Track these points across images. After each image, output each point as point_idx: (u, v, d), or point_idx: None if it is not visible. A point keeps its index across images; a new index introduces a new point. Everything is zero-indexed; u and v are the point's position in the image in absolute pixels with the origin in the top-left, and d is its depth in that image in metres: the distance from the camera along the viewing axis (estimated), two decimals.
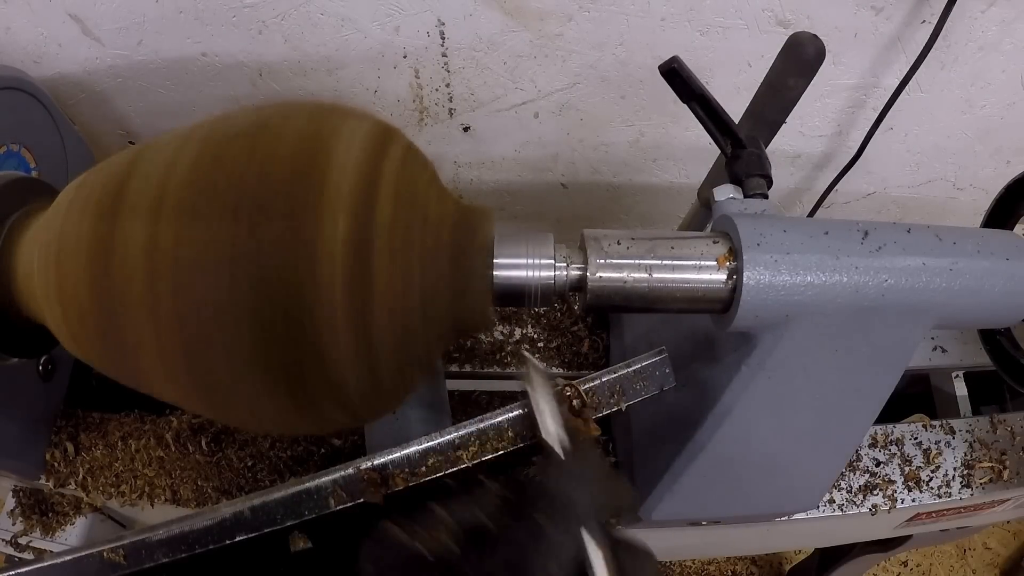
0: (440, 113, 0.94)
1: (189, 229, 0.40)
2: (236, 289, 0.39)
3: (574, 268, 0.49)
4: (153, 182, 0.41)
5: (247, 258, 0.39)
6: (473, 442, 0.47)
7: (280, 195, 0.40)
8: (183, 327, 0.40)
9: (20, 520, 0.87)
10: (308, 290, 0.39)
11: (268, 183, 0.40)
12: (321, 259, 0.39)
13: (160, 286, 0.40)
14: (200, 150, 0.42)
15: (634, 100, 0.92)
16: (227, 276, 0.39)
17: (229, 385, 0.41)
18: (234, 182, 0.40)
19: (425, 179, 0.46)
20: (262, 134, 0.42)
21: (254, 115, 0.44)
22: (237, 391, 0.41)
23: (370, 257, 0.41)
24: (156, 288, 0.40)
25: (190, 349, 0.40)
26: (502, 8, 0.80)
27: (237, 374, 0.41)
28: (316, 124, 0.43)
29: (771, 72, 0.65)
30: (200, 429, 0.81)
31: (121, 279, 0.41)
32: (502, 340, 0.88)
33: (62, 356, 0.78)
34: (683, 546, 1.08)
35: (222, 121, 0.44)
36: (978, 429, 0.87)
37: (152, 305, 0.40)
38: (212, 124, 0.44)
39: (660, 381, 0.50)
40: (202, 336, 0.40)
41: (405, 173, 0.44)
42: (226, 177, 0.40)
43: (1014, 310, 0.53)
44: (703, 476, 0.63)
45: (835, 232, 0.50)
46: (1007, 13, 0.82)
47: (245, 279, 0.39)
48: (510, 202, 1.11)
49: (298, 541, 0.45)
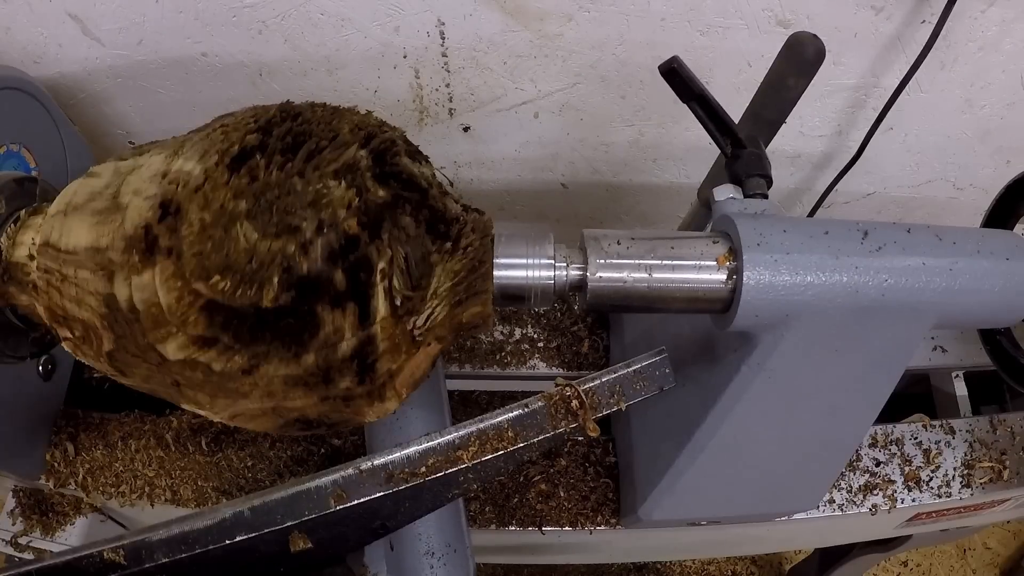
0: (440, 113, 0.94)
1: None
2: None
3: (574, 268, 0.49)
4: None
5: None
6: (473, 442, 0.47)
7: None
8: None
9: (20, 520, 0.87)
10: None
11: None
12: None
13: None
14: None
15: (634, 100, 0.92)
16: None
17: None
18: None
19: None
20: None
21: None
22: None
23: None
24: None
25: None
26: (502, 8, 0.80)
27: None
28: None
29: (771, 72, 0.65)
30: (200, 429, 0.81)
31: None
32: (502, 340, 0.88)
33: (62, 356, 0.78)
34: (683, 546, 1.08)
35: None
36: (978, 429, 0.87)
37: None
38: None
39: (660, 381, 0.49)
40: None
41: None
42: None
43: (1014, 310, 0.53)
44: (703, 476, 0.63)
45: (835, 232, 0.50)
46: (1007, 13, 0.82)
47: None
48: (510, 202, 1.11)
49: (298, 541, 0.45)
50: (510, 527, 0.78)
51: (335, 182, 0.41)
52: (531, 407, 0.47)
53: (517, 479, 0.80)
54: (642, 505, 0.69)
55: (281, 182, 0.40)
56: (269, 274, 0.40)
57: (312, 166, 0.41)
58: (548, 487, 0.80)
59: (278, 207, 0.40)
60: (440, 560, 0.62)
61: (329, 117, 0.45)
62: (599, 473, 0.81)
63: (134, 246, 0.42)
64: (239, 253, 0.40)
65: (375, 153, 0.44)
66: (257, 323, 0.41)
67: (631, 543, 0.93)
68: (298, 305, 0.40)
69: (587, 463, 0.81)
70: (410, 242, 0.44)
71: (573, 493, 0.80)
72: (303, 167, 0.41)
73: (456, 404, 0.88)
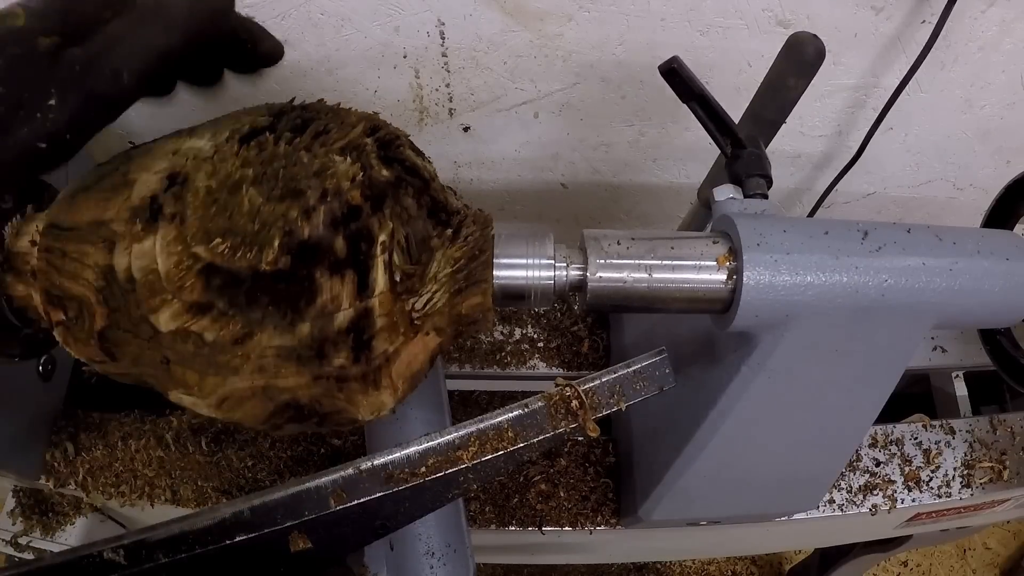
0: (440, 113, 0.94)
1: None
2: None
3: (574, 268, 0.49)
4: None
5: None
6: (473, 442, 0.47)
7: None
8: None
9: (20, 520, 0.87)
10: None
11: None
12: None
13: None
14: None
15: (634, 100, 0.92)
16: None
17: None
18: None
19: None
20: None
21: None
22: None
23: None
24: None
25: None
26: (502, 8, 0.80)
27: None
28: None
29: (771, 72, 0.65)
30: (200, 429, 0.81)
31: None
32: (502, 340, 0.88)
33: (62, 356, 0.78)
34: (683, 546, 1.08)
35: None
36: (978, 429, 0.87)
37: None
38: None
39: (660, 381, 0.49)
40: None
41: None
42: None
43: (1014, 310, 0.53)
44: (703, 476, 0.63)
45: (835, 232, 0.50)
46: (1007, 13, 0.82)
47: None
48: (510, 202, 1.11)
49: (298, 541, 0.45)
50: (510, 527, 0.78)
51: (340, 157, 0.43)
52: (531, 407, 0.47)
53: (517, 479, 0.80)
54: (642, 505, 0.69)
55: (288, 154, 0.43)
56: (270, 236, 0.40)
57: (319, 143, 0.44)
58: (548, 487, 0.80)
59: (284, 175, 0.41)
60: (440, 560, 0.62)
61: (337, 109, 0.48)
62: (599, 473, 0.81)
63: (138, 215, 0.42)
64: (242, 216, 0.40)
65: (380, 141, 0.46)
66: (254, 287, 0.41)
67: (631, 543, 0.93)
68: (297, 269, 0.41)
69: (587, 463, 0.82)
70: (411, 222, 0.45)
71: (573, 493, 0.80)
72: (310, 143, 0.44)
73: (456, 404, 0.88)
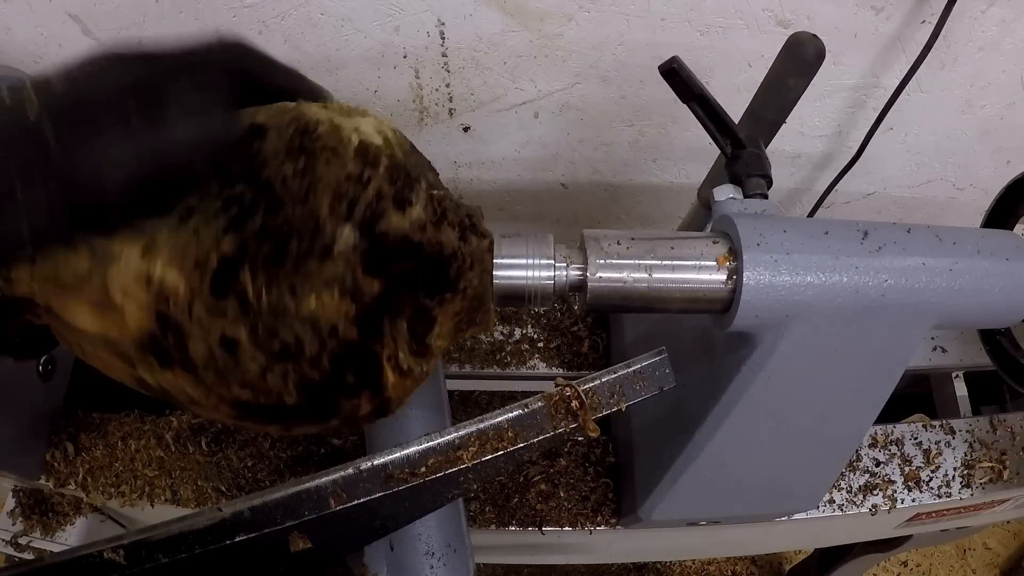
0: (440, 113, 0.94)
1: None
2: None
3: (574, 268, 0.49)
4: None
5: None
6: (473, 442, 0.47)
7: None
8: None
9: (20, 520, 0.87)
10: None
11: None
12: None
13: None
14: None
15: (634, 100, 0.92)
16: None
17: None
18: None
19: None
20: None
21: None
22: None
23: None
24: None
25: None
26: (502, 8, 0.80)
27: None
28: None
29: (771, 72, 0.65)
30: (200, 429, 0.81)
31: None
32: (502, 340, 0.88)
33: (62, 356, 0.78)
34: (683, 546, 1.08)
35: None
36: (978, 429, 0.87)
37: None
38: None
39: (660, 381, 0.49)
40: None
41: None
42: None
43: (1014, 310, 0.53)
44: (703, 476, 0.63)
45: (835, 232, 0.50)
46: (1007, 13, 0.82)
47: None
48: (510, 202, 1.11)
49: (298, 541, 0.45)
50: (510, 527, 0.78)
51: (328, 293, 0.41)
52: (531, 407, 0.47)
53: (517, 479, 0.80)
54: (642, 505, 0.69)
55: (274, 305, 0.41)
56: (286, 386, 0.43)
57: (301, 276, 0.41)
58: (548, 487, 0.80)
59: (279, 331, 0.41)
60: (440, 560, 0.62)
61: (303, 188, 0.41)
62: (599, 473, 0.81)
63: (147, 350, 0.42)
64: (252, 374, 0.42)
65: (362, 226, 0.42)
66: (283, 413, 0.45)
67: (631, 543, 0.93)
68: (317, 400, 0.44)
69: (587, 463, 0.82)
70: (409, 316, 0.45)
71: (573, 493, 0.80)
72: (292, 279, 0.41)
73: (456, 404, 0.88)
